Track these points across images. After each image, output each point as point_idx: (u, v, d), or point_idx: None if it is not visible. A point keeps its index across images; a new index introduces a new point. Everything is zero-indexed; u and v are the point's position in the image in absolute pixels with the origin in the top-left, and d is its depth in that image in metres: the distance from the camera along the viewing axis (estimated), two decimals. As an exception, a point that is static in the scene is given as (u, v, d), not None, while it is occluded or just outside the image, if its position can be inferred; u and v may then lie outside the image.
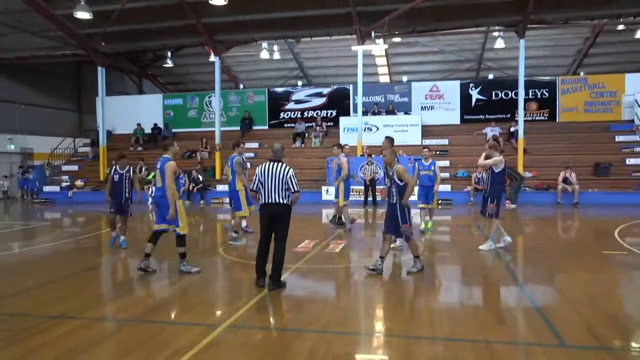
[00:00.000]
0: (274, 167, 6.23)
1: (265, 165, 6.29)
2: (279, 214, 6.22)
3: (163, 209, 7.04)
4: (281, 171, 6.20)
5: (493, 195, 8.57)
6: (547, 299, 6.12)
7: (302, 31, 21.19)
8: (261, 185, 6.23)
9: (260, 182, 6.24)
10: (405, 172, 7.05)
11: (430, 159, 10.87)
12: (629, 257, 8.59)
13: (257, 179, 6.27)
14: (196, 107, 25.94)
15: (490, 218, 8.67)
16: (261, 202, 6.29)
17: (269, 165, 6.28)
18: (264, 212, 6.27)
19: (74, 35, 21.27)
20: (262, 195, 6.24)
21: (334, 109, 24.58)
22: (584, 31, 24.22)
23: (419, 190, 10.90)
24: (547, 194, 18.13)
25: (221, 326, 4.93)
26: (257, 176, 6.27)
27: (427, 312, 5.45)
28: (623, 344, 4.54)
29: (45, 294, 6.31)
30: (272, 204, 6.18)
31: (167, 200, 6.90)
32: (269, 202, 6.20)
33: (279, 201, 6.18)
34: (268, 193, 6.19)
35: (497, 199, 8.56)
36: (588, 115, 22.05)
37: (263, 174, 6.23)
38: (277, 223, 6.24)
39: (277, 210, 6.20)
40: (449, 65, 28.54)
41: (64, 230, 13.98)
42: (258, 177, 6.26)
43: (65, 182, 22.89)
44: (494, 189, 8.62)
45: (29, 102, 25.62)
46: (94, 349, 4.48)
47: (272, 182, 6.17)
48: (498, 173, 8.63)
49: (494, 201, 8.54)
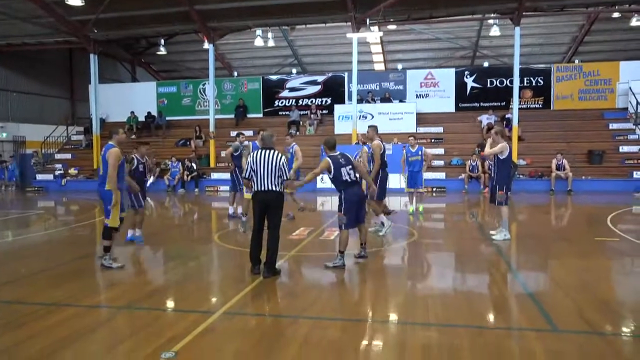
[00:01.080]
0: (267, 155, 6.24)
1: (257, 154, 6.30)
2: (273, 201, 6.24)
3: (102, 200, 6.80)
4: (274, 158, 6.21)
5: (501, 183, 8.40)
6: (540, 285, 6.18)
7: (297, 18, 20.98)
8: (254, 173, 6.24)
9: (252, 170, 6.25)
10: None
11: (416, 146, 11.83)
12: (621, 243, 8.66)
13: (250, 167, 6.28)
14: (190, 95, 25.74)
15: (500, 206, 8.51)
16: (254, 190, 6.30)
17: (261, 153, 6.29)
18: (257, 199, 6.28)
19: (66, 22, 20.97)
20: (255, 182, 6.25)
21: (328, 97, 24.46)
22: (579, 19, 24.16)
23: (408, 176, 11.80)
24: (540, 181, 18.21)
25: (216, 313, 4.94)
26: (250, 164, 6.29)
27: (421, 299, 5.49)
28: (614, 329, 4.60)
29: (40, 282, 6.29)
30: (266, 191, 6.19)
31: (106, 191, 6.63)
32: (262, 189, 6.21)
33: (272, 188, 6.19)
34: (261, 180, 6.19)
35: (505, 186, 8.40)
36: (582, 103, 22.08)
37: (255, 162, 6.23)
38: (271, 210, 6.26)
39: (270, 197, 6.21)
40: (444, 52, 28.44)
41: (58, 218, 13.93)
42: (250, 165, 6.28)
43: (58, 170, 22.77)
44: (501, 176, 8.43)
45: (21, 90, 25.34)
46: (88, 336, 4.49)
47: (265, 170, 6.17)
48: (504, 160, 8.42)
49: (503, 188, 8.37)
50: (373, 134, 9.19)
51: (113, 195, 6.65)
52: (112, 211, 6.66)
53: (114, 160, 6.65)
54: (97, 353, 4.21)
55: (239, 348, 4.16)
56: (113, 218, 6.68)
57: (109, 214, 6.66)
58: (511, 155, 8.70)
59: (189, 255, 7.73)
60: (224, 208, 12.70)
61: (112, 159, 6.64)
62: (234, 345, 4.23)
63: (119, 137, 6.96)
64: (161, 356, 3.92)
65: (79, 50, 25.17)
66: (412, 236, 9.26)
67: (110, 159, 6.64)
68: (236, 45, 27.95)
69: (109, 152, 6.69)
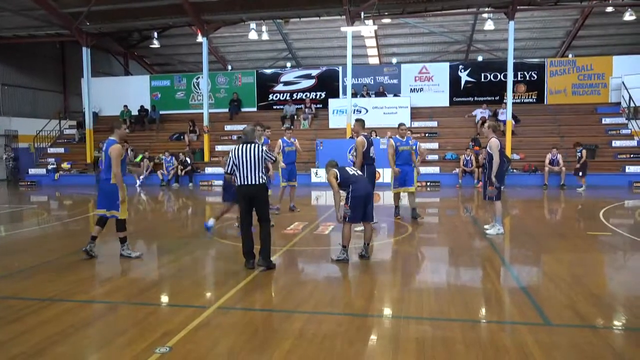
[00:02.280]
0: (249, 149, 6.35)
1: (238, 148, 6.39)
2: (257, 193, 6.37)
3: (103, 193, 6.92)
4: (256, 152, 6.34)
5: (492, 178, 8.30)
6: (533, 279, 6.23)
7: (291, 11, 20.90)
8: (236, 168, 6.34)
9: (235, 165, 6.35)
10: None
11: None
12: (613, 237, 8.74)
13: (232, 162, 6.37)
14: (184, 89, 25.63)
15: (491, 201, 8.51)
16: (238, 184, 6.39)
17: (242, 147, 6.38)
18: (241, 193, 6.39)
19: (58, 14, 20.76)
20: (237, 177, 6.36)
21: (323, 91, 24.43)
22: (573, 13, 24.21)
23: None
24: (534, 176, 18.30)
25: (211, 308, 4.95)
26: (232, 159, 6.38)
27: (415, 293, 5.52)
28: (606, 322, 4.64)
29: (34, 277, 6.27)
30: (249, 185, 6.31)
31: (110, 185, 6.77)
32: (245, 183, 6.32)
33: (256, 182, 6.32)
34: (244, 174, 6.30)
35: (496, 181, 8.29)
36: (576, 97, 22.18)
37: (238, 157, 6.33)
38: (257, 202, 6.39)
39: (254, 190, 6.34)
40: (438, 47, 28.44)
41: (51, 213, 13.86)
42: (232, 160, 6.37)
43: (51, 164, 22.62)
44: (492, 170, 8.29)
45: (12, 84, 25.11)
46: (83, 331, 4.48)
47: (247, 164, 6.29)
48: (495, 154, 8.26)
49: (493, 183, 8.32)
50: (358, 128, 8.99)
51: (119, 191, 6.76)
52: (120, 205, 6.82)
53: (117, 156, 6.71)
54: (91, 348, 4.21)
55: (234, 342, 4.17)
56: (123, 210, 6.87)
57: (117, 207, 6.81)
58: (504, 149, 8.66)
59: (183, 249, 7.73)
60: (219, 203, 12.67)
61: (115, 155, 6.70)
62: (229, 340, 4.24)
63: (121, 131, 7.01)
64: (156, 351, 3.93)
65: (72, 44, 24.94)
66: (406, 231, 9.29)
67: (113, 154, 6.70)
68: (230, 38, 27.82)
69: (111, 147, 6.75)
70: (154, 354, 3.89)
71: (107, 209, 6.91)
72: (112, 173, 6.73)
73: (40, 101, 26.56)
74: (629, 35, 25.78)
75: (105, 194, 6.91)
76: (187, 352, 3.94)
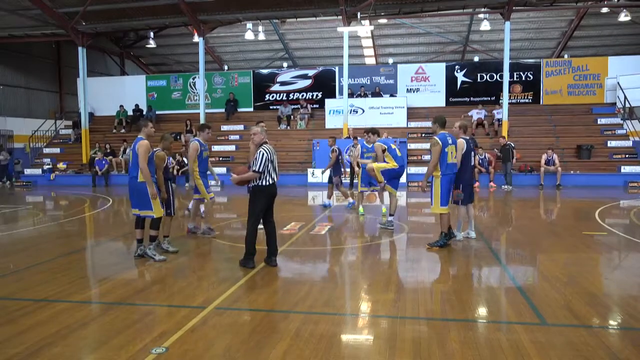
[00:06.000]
0: (273, 149, 6.48)
1: (269, 148, 6.39)
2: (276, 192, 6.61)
3: (133, 192, 6.90)
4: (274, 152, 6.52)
5: (458, 181, 7.83)
6: (529, 278, 6.24)
7: (287, 11, 20.90)
8: (271, 166, 6.36)
9: (271, 163, 6.33)
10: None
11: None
12: (608, 237, 8.77)
13: (267, 161, 6.26)
14: (180, 89, 25.58)
15: (457, 205, 8.07)
16: (267, 183, 6.35)
17: (270, 147, 6.44)
18: (270, 192, 6.43)
19: (53, 14, 20.71)
20: (268, 176, 6.33)
21: (319, 91, 24.44)
22: (569, 14, 24.32)
23: (362, 173, 10.44)
24: (530, 176, 18.35)
25: (208, 308, 4.94)
26: (267, 158, 6.25)
27: (411, 293, 5.52)
28: (602, 322, 4.66)
29: (29, 277, 6.25)
30: (275, 184, 6.47)
31: (138, 182, 6.76)
32: (273, 182, 6.41)
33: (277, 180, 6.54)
34: (274, 174, 6.41)
35: (461, 184, 7.89)
36: (571, 97, 22.26)
37: (273, 155, 6.40)
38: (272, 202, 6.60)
39: (276, 189, 6.57)
40: (434, 47, 28.50)
41: (47, 213, 13.81)
42: (268, 159, 6.28)
43: (47, 165, 22.52)
44: (459, 172, 7.84)
45: (8, 83, 25.02)
46: (79, 331, 4.46)
47: (275, 163, 6.44)
48: (464, 155, 7.86)
49: (459, 187, 7.88)
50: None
51: (148, 187, 6.72)
52: (153, 203, 6.80)
53: (144, 152, 6.71)
54: (87, 349, 4.19)
55: (230, 343, 4.17)
56: (156, 208, 6.86)
57: (151, 207, 6.81)
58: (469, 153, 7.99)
59: (180, 250, 7.70)
60: (216, 203, 12.63)
61: (142, 151, 6.69)
62: (225, 340, 4.23)
63: (147, 130, 7.00)
64: (152, 351, 3.92)
65: (67, 43, 24.89)
66: (402, 230, 9.30)
67: (140, 150, 6.70)
68: (226, 38, 27.81)
69: (138, 144, 6.75)
70: (150, 354, 3.88)
71: (140, 208, 6.92)
72: (138, 170, 6.73)
73: (36, 101, 26.47)
74: (624, 36, 25.90)
75: (135, 192, 6.89)
76: (184, 353, 3.93)
